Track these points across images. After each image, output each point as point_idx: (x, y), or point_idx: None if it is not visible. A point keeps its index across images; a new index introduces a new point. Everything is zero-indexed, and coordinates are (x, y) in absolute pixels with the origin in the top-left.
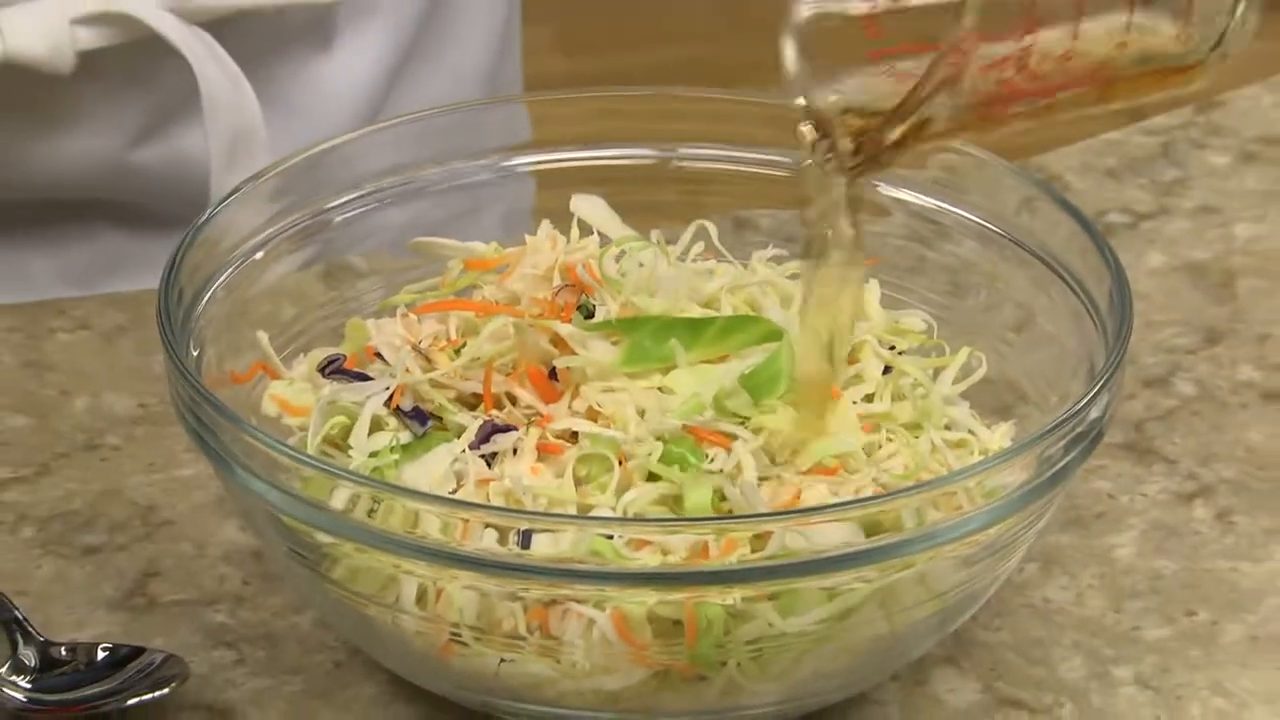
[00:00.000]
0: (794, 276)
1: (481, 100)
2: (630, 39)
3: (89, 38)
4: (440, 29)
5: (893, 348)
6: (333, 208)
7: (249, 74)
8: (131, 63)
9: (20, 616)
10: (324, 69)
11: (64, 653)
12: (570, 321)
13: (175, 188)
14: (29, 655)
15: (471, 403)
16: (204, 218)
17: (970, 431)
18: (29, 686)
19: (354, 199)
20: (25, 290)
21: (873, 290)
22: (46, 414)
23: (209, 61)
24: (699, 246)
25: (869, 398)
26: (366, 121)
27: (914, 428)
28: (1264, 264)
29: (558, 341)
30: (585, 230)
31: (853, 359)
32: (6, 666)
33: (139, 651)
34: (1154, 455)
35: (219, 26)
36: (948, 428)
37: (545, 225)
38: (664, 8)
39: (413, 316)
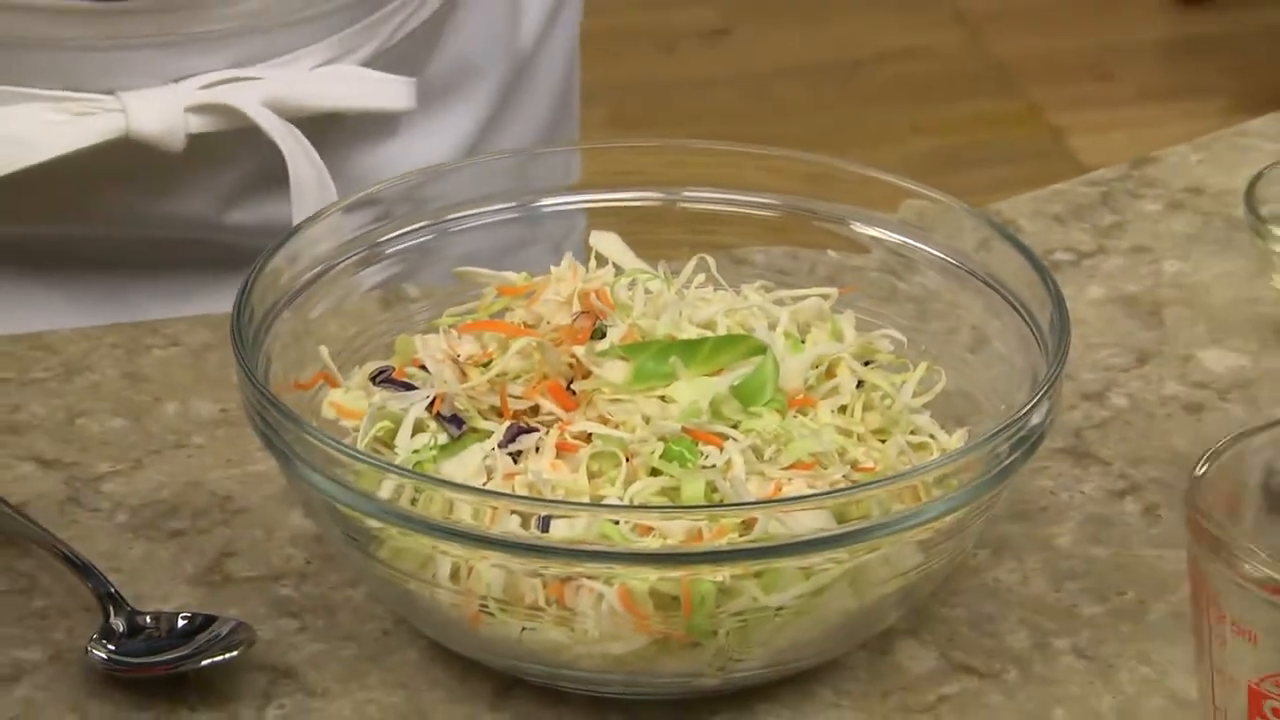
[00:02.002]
0: (779, 303)
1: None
2: (673, 119)
3: (199, 123)
4: (514, 103)
5: (867, 363)
6: (385, 240)
7: (329, 157)
8: (228, 145)
9: (113, 590)
10: (402, 150)
11: (148, 621)
12: (587, 341)
13: (259, 240)
14: (119, 623)
15: (500, 411)
16: (269, 250)
17: (931, 436)
18: (117, 650)
19: (409, 232)
20: (126, 313)
21: (848, 315)
22: (141, 417)
23: (298, 153)
24: (700, 277)
25: (844, 408)
26: None
27: (882, 433)
28: (1188, 296)
29: (574, 360)
30: (602, 262)
31: (829, 374)
32: (99, 632)
33: (212, 620)
34: (1091, 458)
35: (306, 121)
36: (913, 433)
37: (568, 257)
38: (702, 93)
39: (454, 334)
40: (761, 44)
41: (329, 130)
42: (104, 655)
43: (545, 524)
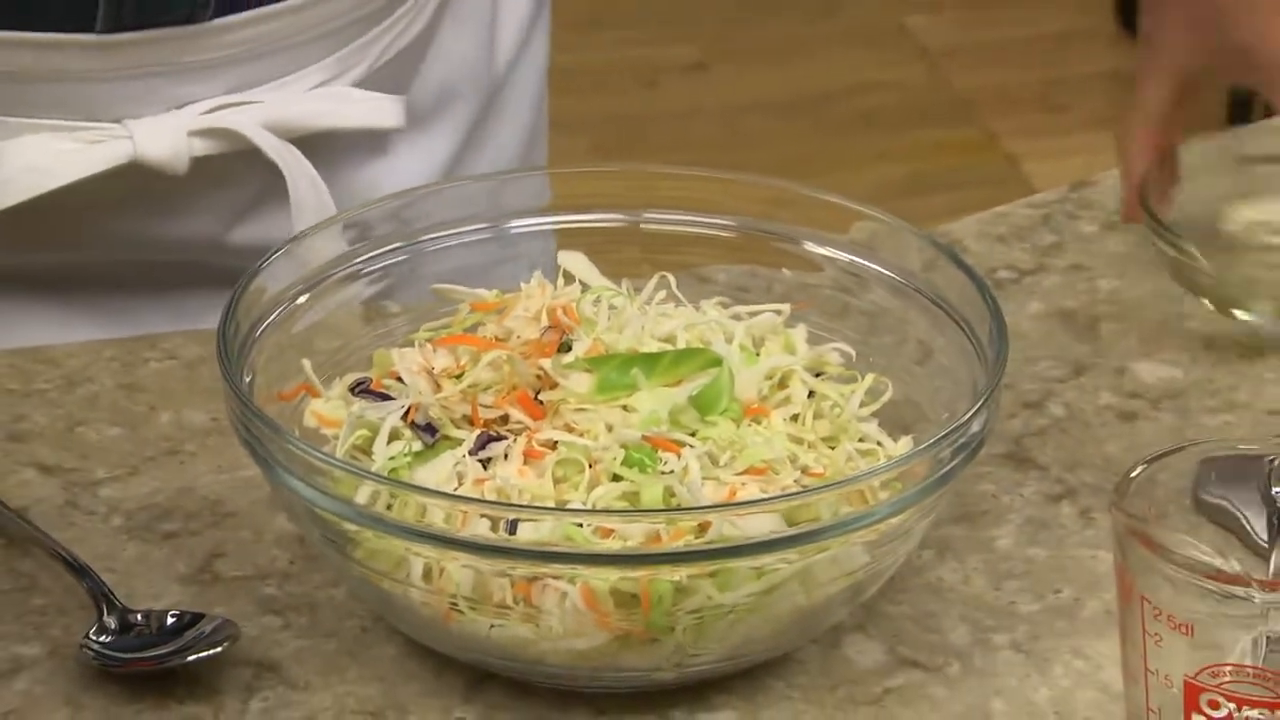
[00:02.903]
0: (736, 318)
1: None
2: (653, 148)
3: (202, 146)
4: (489, 127)
5: (818, 375)
6: (366, 259)
7: (325, 173)
8: (230, 166)
9: (107, 590)
10: (386, 168)
11: (139, 618)
12: (555, 354)
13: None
14: (111, 621)
15: (471, 420)
16: (255, 269)
17: (878, 443)
18: (110, 646)
19: (388, 251)
20: (132, 331)
21: (800, 330)
22: (137, 426)
23: (297, 170)
24: (661, 294)
25: (795, 417)
26: None
27: (832, 440)
28: (1121, 311)
29: (542, 372)
30: (569, 280)
31: (782, 385)
32: (94, 629)
33: (200, 617)
34: (1030, 463)
35: (301, 140)
36: (861, 440)
37: (536, 275)
38: (681, 124)
39: (429, 348)
40: (738, 79)
41: (320, 149)
42: (97, 651)
43: (513, 527)
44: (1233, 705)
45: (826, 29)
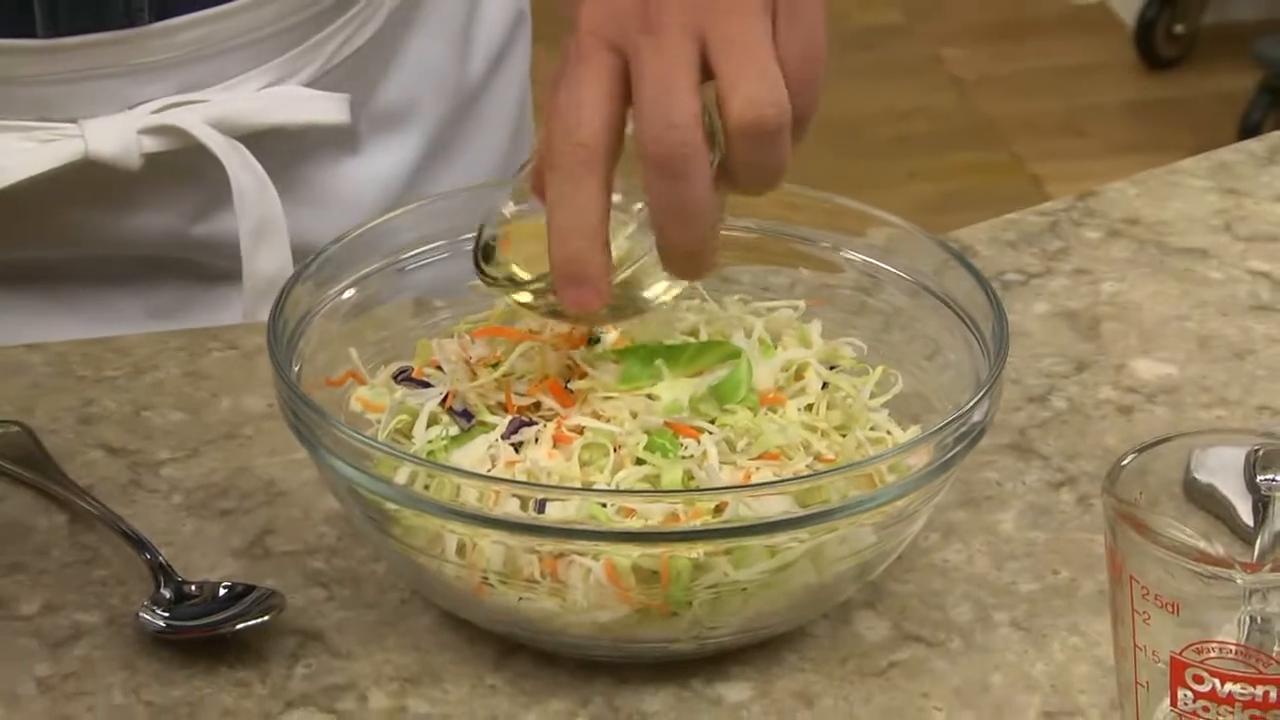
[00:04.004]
0: (755, 313)
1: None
2: None
3: (151, 144)
4: (461, 134)
5: (832, 367)
6: (390, 265)
7: (280, 174)
8: (185, 163)
9: (163, 561)
10: (350, 168)
11: (193, 589)
12: (584, 345)
13: (226, 251)
14: (167, 591)
15: (505, 406)
16: (304, 265)
17: (887, 431)
18: (166, 615)
19: (405, 257)
20: (116, 324)
21: (815, 325)
22: (199, 410)
23: (240, 166)
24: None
25: (810, 406)
26: (389, 209)
27: (843, 428)
28: (1122, 313)
29: (572, 362)
30: None
31: (798, 376)
32: (151, 599)
33: (251, 589)
34: (1032, 453)
35: (253, 138)
36: (872, 429)
37: None
38: None
39: (467, 338)
40: None
41: (279, 149)
42: (153, 619)
43: (541, 506)
44: (1216, 680)
45: (866, 59)
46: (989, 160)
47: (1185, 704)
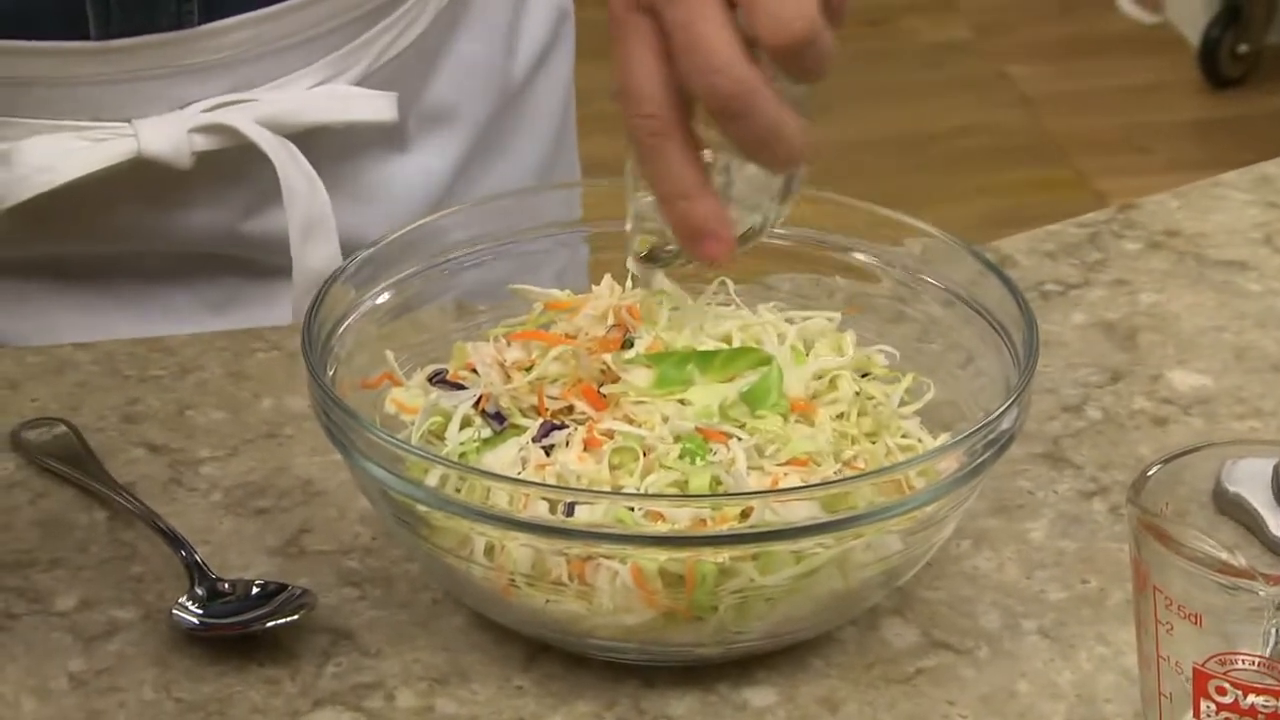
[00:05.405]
0: (790, 321)
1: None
2: None
3: (202, 142)
4: (506, 131)
5: (865, 375)
6: (431, 266)
7: (329, 171)
8: (235, 161)
9: (199, 559)
10: (397, 166)
11: (227, 587)
12: (617, 350)
13: (276, 248)
14: (201, 589)
15: (538, 409)
16: (341, 268)
17: (918, 439)
18: (200, 612)
19: (446, 260)
20: (168, 318)
21: (849, 333)
22: (240, 410)
23: (290, 164)
24: (721, 297)
25: (841, 415)
26: (436, 207)
27: (874, 435)
28: (1159, 324)
29: (605, 366)
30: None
31: (832, 385)
32: (185, 596)
33: (283, 587)
34: (1065, 462)
35: (302, 136)
36: (903, 436)
37: (607, 278)
38: None
39: (503, 342)
40: (855, 119)
41: (327, 147)
42: (186, 616)
43: (570, 509)
44: (1239, 692)
45: (935, 76)
46: (1053, 176)
47: (1208, 716)
